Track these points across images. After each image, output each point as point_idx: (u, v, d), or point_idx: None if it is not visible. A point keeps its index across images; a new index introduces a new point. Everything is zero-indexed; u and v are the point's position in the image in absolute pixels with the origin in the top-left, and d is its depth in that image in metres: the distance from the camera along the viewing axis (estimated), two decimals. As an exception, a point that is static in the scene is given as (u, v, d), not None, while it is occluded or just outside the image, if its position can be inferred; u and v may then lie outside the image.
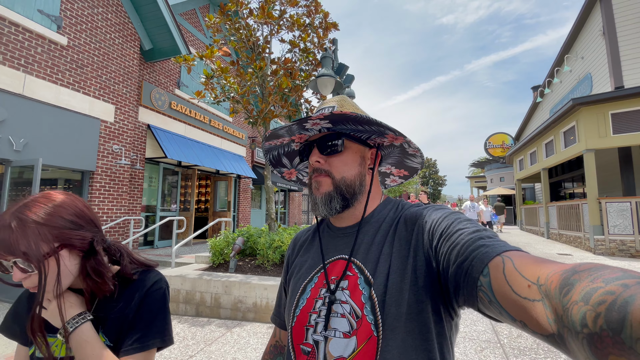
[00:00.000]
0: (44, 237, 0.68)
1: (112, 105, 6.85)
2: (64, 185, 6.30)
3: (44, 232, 0.69)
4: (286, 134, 0.77)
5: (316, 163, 0.71)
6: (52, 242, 0.70)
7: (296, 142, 0.82)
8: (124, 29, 7.18)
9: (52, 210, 0.72)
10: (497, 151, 23.97)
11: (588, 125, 8.89)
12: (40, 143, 5.53)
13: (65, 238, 0.72)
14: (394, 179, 0.88)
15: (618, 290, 0.29)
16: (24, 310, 0.84)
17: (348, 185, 0.69)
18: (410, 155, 0.77)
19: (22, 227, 0.67)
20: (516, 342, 3.37)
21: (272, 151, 0.85)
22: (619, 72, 10.20)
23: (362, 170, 0.72)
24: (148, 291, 0.82)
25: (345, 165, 0.70)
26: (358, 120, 0.66)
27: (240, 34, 5.36)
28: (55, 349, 0.77)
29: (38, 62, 5.55)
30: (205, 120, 10.16)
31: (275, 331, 0.89)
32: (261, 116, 5.46)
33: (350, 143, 0.72)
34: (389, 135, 0.72)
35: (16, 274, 0.68)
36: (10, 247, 0.65)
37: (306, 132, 0.76)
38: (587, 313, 0.29)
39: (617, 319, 0.27)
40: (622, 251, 8.16)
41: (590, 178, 8.73)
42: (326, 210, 0.69)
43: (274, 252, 4.64)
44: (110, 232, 6.77)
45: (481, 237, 0.50)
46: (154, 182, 8.86)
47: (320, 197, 0.69)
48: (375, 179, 0.75)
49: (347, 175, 0.69)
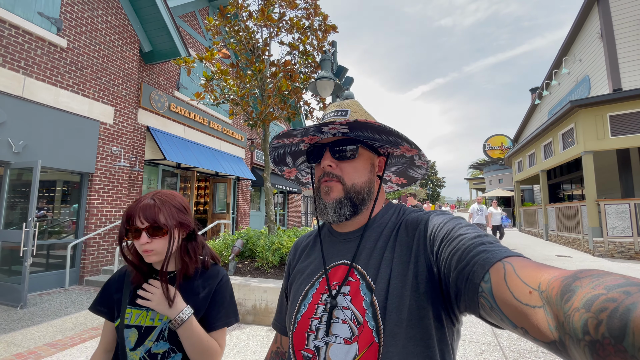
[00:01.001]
0: (172, 214, 0.99)
1: (112, 107, 6.85)
2: (63, 187, 6.29)
3: (172, 211, 1.00)
4: (300, 134, 0.76)
5: (328, 167, 0.70)
6: (175, 219, 1.00)
7: (305, 142, 0.82)
8: (124, 31, 7.19)
9: (173, 198, 1.03)
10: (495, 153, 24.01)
11: (586, 127, 8.92)
12: (40, 145, 5.52)
13: (180, 219, 1.01)
14: (391, 186, 0.89)
15: (620, 297, 0.29)
16: (113, 291, 1.06)
17: (358, 192, 0.69)
18: (416, 166, 0.77)
19: (161, 205, 0.98)
20: (516, 344, 3.37)
21: (278, 149, 0.85)
22: (616, 74, 10.24)
23: (372, 177, 0.72)
24: (222, 281, 1.09)
25: (357, 171, 0.70)
26: (379, 130, 0.66)
27: (240, 37, 5.37)
28: (140, 319, 0.99)
29: (38, 65, 5.55)
30: (205, 122, 10.17)
31: (276, 337, 0.88)
32: (260, 118, 5.47)
33: (363, 150, 0.72)
34: (403, 146, 0.72)
35: (143, 238, 0.94)
36: (153, 216, 0.96)
37: (320, 135, 0.76)
38: (589, 320, 0.29)
39: (619, 327, 0.27)
40: (621, 253, 8.17)
41: (588, 180, 8.76)
42: (335, 217, 0.68)
43: (274, 255, 4.64)
44: (109, 234, 6.75)
45: (482, 242, 0.50)
46: (152, 184, 8.85)
47: (330, 202, 0.69)
48: (382, 187, 0.76)
49: (357, 182, 0.69)
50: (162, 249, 0.97)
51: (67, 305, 4.87)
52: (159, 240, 0.96)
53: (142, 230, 0.95)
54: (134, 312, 1.00)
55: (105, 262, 6.67)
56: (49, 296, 5.38)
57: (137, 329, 0.98)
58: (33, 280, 5.50)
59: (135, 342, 0.97)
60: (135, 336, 0.97)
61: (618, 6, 10.43)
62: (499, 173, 24.58)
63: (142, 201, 0.98)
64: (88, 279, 6.18)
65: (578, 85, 12.67)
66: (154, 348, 0.96)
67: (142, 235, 0.94)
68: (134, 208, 0.97)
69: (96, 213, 6.49)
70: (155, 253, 0.96)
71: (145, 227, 0.95)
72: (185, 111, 9.32)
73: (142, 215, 0.95)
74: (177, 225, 1.00)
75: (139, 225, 0.95)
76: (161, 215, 0.96)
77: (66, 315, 4.42)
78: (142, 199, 0.98)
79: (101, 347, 1.05)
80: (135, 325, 0.98)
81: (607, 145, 8.72)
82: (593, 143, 8.83)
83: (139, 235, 0.95)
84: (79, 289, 5.87)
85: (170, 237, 0.98)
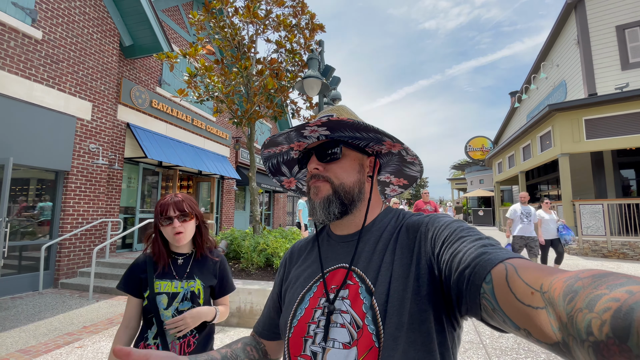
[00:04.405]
0: (192, 206, 1.39)
1: (89, 103, 6.59)
2: (37, 186, 6.00)
3: (192, 204, 1.40)
4: (285, 141, 0.76)
5: (314, 170, 0.70)
6: (194, 210, 1.40)
7: (295, 150, 0.82)
8: (103, 24, 6.92)
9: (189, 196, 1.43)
10: (477, 154, 24.58)
11: (563, 130, 9.25)
12: (11, 141, 5.25)
13: (196, 210, 1.42)
14: (394, 189, 0.87)
15: (623, 297, 0.28)
16: (139, 272, 1.38)
17: (347, 191, 0.68)
18: (409, 163, 0.76)
19: (185, 199, 1.38)
20: (498, 342, 3.45)
21: (271, 159, 0.84)
22: (592, 79, 10.66)
23: (361, 177, 0.71)
24: (223, 260, 1.52)
25: (344, 171, 0.69)
26: (355, 127, 0.65)
27: (225, 33, 5.26)
28: (168, 288, 1.35)
29: (10, 57, 5.27)
30: (188, 119, 9.95)
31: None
32: (246, 116, 5.38)
33: (349, 150, 0.71)
34: (386, 142, 0.71)
35: (176, 222, 1.33)
36: (181, 207, 1.35)
37: (305, 140, 0.75)
38: (593, 321, 0.29)
39: (623, 327, 0.27)
40: (595, 251, 8.53)
41: (565, 181, 9.08)
42: (324, 215, 0.68)
43: (259, 256, 4.58)
44: (86, 234, 6.50)
45: (484, 244, 0.50)
46: (133, 182, 8.59)
47: (318, 201, 0.69)
48: (375, 188, 0.74)
49: (345, 181, 0.69)
50: (189, 232, 1.37)
51: (41, 310, 4.65)
52: (187, 224, 1.36)
53: (174, 218, 1.33)
54: (161, 283, 1.35)
55: (82, 264, 6.41)
56: (21, 300, 5.13)
57: (166, 295, 1.33)
58: (4, 283, 5.23)
59: (166, 303, 1.32)
60: (166, 300, 1.33)
61: (594, 14, 10.85)
62: (479, 174, 25.19)
63: (171, 198, 1.37)
64: (63, 282, 5.93)
65: (555, 89, 13.13)
66: (181, 307, 1.33)
67: (175, 221, 1.33)
68: (166, 203, 1.35)
69: (72, 213, 6.24)
70: (184, 235, 1.35)
71: (177, 215, 1.34)
72: (168, 108, 9.09)
73: (174, 207, 1.34)
74: (195, 214, 1.40)
75: (171, 214, 1.33)
76: (186, 206, 1.37)
77: (40, 320, 4.22)
78: (168, 197, 1.37)
79: (123, 324, 1.35)
80: (165, 292, 1.34)
81: (583, 148, 9.07)
82: (569, 145, 9.16)
83: (171, 223, 1.32)
84: (54, 292, 5.63)
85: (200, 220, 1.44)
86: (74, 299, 5.25)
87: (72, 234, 6.15)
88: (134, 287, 1.36)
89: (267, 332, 0.82)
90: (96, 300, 5.14)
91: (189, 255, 1.44)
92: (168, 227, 1.32)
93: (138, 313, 1.37)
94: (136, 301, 1.37)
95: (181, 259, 1.42)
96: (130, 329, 1.35)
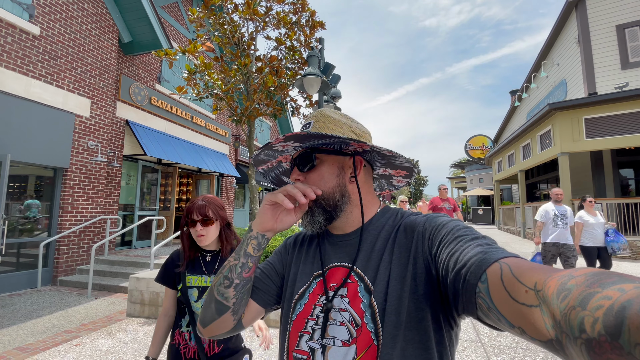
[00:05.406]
0: (216, 211, 1.48)
1: (88, 100, 6.56)
2: (35, 183, 5.98)
3: (216, 209, 1.49)
4: (268, 157, 0.79)
5: (296, 181, 0.72)
6: (217, 214, 1.48)
7: (284, 162, 0.84)
8: (102, 20, 6.88)
9: (215, 200, 1.52)
10: (476, 153, 24.57)
11: (563, 129, 9.24)
12: (9, 138, 5.22)
13: (219, 215, 1.50)
14: (399, 179, 0.84)
15: (615, 295, 0.29)
16: (172, 267, 1.52)
17: (327, 197, 0.69)
18: (389, 156, 0.73)
19: (209, 204, 1.47)
20: (496, 341, 3.45)
21: (268, 173, 0.87)
22: (592, 78, 10.64)
23: (341, 181, 0.71)
24: None
25: (321, 179, 0.70)
26: (311, 137, 0.66)
27: (225, 30, 5.23)
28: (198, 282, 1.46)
29: (8, 53, 5.23)
30: (187, 116, 9.91)
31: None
32: (245, 114, 5.36)
33: (325, 156, 0.72)
34: (353, 143, 0.69)
35: (198, 226, 1.42)
36: (204, 212, 1.44)
37: (286, 153, 0.78)
38: (585, 318, 0.30)
39: (615, 324, 0.27)
40: (593, 250, 8.51)
41: (564, 180, 9.08)
42: (310, 225, 0.70)
43: (258, 253, 4.56)
44: (85, 232, 6.48)
45: (480, 244, 0.51)
46: (132, 180, 8.56)
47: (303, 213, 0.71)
48: (365, 187, 0.74)
49: (324, 188, 0.69)
50: (211, 235, 1.47)
51: (39, 307, 4.65)
52: (208, 228, 1.45)
53: (197, 222, 1.43)
54: (192, 277, 1.47)
55: (81, 262, 6.40)
56: (19, 297, 5.12)
57: (197, 289, 1.45)
58: (2, 281, 5.23)
59: (197, 296, 1.44)
60: (197, 293, 1.44)
61: (595, 13, 10.82)
62: (479, 172, 25.19)
63: (196, 202, 1.46)
64: (62, 279, 5.92)
65: (555, 88, 13.11)
66: None
67: (197, 224, 1.43)
68: (191, 207, 1.45)
69: (71, 210, 6.22)
70: (206, 238, 1.45)
71: (199, 219, 1.43)
72: (167, 105, 9.05)
73: (197, 212, 1.44)
74: (218, 218, 1.49)
75: (195, 218, 1.43)
76: (209, 211, 1.45)
77: (38, 318, 4.21)
78: (196, 201, 1.47)
79: (162, 312, 1.52)
80: (196, 286, 1.46)
81: (582, 147, 9.07)
82: (569, 145, 9.15)
83: (195, 225, 1.43)
84: (52, 290, 5.62)
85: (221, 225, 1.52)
86: (73, 296, 5.25)
87: (70, 231, 6.13)
88: (169, 279, 1.52)
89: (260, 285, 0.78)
90: (95, 298, 5.13)
91: (216, 253, 1.56)
92: (192, 228, 1.45)
93: (174, 303, 1.52)
94: (172, 292, 1.52)
95: (209, 255, 1.54)
96: (169, 316, 1.52)
